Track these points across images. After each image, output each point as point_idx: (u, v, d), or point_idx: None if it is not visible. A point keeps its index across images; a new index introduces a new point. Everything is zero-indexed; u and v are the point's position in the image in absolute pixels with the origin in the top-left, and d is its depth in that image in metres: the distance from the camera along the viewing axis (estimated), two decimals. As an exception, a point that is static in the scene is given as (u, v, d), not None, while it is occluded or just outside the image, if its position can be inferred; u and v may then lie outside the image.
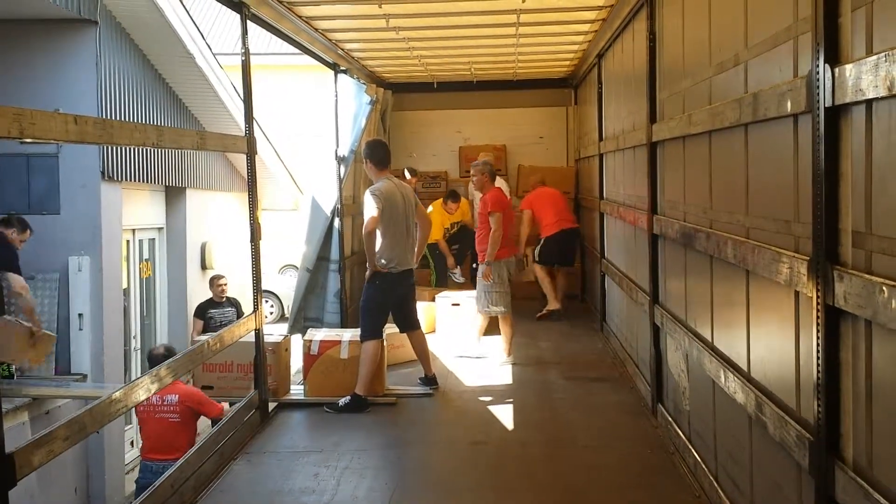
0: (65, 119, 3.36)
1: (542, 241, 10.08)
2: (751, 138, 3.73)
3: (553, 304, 10.10)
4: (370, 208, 6.67)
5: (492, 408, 6.63)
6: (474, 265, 8.75)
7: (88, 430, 3.65)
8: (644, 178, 6.23)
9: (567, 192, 11.83)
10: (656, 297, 5.95)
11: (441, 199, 10.80)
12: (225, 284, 10.26)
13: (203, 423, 7.61)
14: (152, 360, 7.07)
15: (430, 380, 7.14)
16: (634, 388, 6.89)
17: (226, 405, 7.07)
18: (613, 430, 6.00)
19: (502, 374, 7.66)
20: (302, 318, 9.40)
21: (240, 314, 9.91)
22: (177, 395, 6.91)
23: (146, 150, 10.35)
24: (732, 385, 3.87)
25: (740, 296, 3.87)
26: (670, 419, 5.54)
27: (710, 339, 4.47)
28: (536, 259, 10.10)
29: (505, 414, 6.46)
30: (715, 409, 4.41)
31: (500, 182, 9.47)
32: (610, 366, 7.83)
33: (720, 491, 4.27)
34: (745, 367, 3.83)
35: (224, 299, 10.24)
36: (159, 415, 6.94)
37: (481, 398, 6.93)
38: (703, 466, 4.62)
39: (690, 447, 4.93)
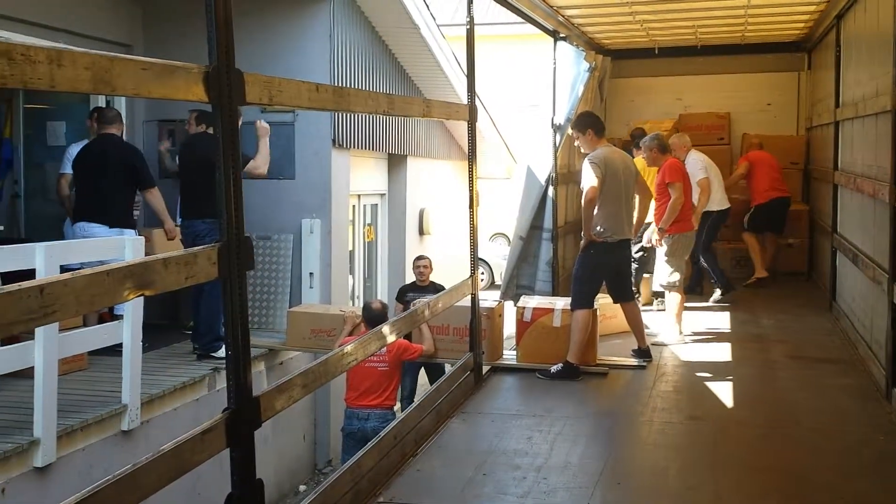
0: (308, 87, 3.59)
1: (752, 209, 10.06)
2: None
3: (760, 273, 9.99)
4: (589, 176, 6.60)
5: (709, 384, 6.45)
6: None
7: (322, 380, 3.89)
8: (887, 146, 5.79)
9: (796, 163, 11.22)
10: (897, 276, 5.54)
11: None
12: (425, 266, 9.16)
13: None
14: (369, 312, 7.50)
15: (643, 352, 7.02)
16: (867, 371, 6.46)
17: (423, 346, 7.28)
18: (842, 413, 5.69)
19: (720, 351, 7.41)
20: (514, 286, 9.53)
21: None
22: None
23: (372, 118, 10.79)
24: None
25: None
26: (908, 406, 5.17)
27: (959, 322, 4.12)
28: (746, 227, 10.03)
29: (723, 391, 6.27)
30: (962, 398, 4.08)
31: (694, 156, 8.94)
32: (839, 347, 7.38)
33: (965, 486, 3.95)
34: None
35: (428, 283, 9.04)
36: (369, 364, 7.13)
37: (697, 374, 6.75)
38: (946, 459, 4.29)
39: (931, 437, 4.59)
